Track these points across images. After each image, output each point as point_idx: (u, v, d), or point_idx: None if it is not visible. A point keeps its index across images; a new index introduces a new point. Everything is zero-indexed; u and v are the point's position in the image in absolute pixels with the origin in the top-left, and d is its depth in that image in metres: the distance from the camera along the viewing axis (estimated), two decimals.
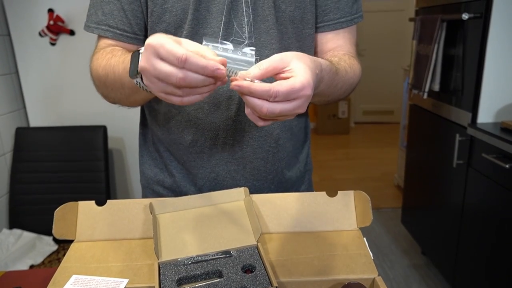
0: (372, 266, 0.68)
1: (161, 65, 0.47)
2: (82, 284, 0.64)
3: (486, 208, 1.55)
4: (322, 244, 0.73)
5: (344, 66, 0.72)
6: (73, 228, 0.75)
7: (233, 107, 0.77)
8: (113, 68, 0.68)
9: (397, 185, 3.16)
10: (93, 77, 0.76)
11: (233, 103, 0.77)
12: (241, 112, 0.78)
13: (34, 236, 1.66)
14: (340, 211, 0.78)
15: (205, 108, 0.78)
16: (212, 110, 0.78)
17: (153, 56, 0.48)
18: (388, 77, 4.64)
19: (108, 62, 0.70)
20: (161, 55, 0.47)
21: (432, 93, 1.93)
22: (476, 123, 1.61)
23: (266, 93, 0.47)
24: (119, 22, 0.75)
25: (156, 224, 0.71)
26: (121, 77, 0.66)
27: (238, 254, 0.67)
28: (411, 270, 2.14)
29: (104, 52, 0.74)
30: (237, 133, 0.80)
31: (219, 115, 0.78)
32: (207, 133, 0.80)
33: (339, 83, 0.70)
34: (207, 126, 0.79)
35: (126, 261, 0.69)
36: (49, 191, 1.75)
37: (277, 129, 0.81)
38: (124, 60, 0.65)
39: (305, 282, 0.65)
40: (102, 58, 0.73)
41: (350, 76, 0.74)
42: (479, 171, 1.58)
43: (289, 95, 0.48)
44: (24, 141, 1.79)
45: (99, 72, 0.72)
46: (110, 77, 0.70)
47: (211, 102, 0.77)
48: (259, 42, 0.74)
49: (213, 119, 0.78)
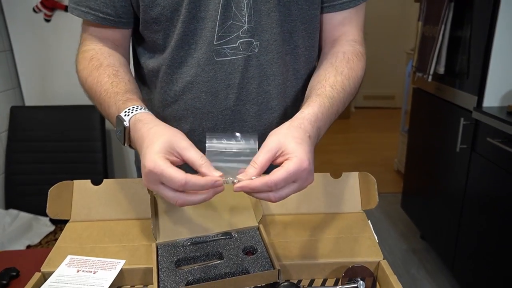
0: (377, 249, 0.66)
1: (164, 190, 0.51)
2: (78, 265, 0.62)
3: (489, 193, 1.53)
4: (325, 227, 0.71)
5: (342, 85, 0.67)
6: (68, 208, 0.73)
7: (232, 96, 0.73)
8: (99, 100, 0.67)
9: (397, 170, 3.16)
10: (79, 80, 0.73)
11: (231, 92, 0.73)
12: (240, 102, 0.74)
13: (31, 216, 1.65)
14: (344, 193, 0.76)
15: (202, 97, 0.73)
16: (210, 100, 0.73)
17: (156, 182, 0.51)
18: (389, 61, 4.59)
19: (93, 88, 0.68)
20: (163, 181, 0.50)
21: (437, 76, 1.90)
22: (482, 106, 1.58)
23: (265, 186, 0.50)
24: (102, 4, 0.70)
25: (154, 204, 0.68)
26: (106, 115, 0.67)
27: (239, 236, 0.65)
28: (410, 255, 2.15)
29: (89, 64, 0.70)
30: (236, 123, 0.76)
31: (217, 104, 0.74)
32: (204, 123, 0.76)
33: (339, 107, 0.66)
34: (205, 116, 0.75)
35: (123, 241, 0.67)
36: (46, 171, 1.73)
37: (277, 118, 0.78)
38: (109, 106, 0.65)
39: (307, 265, 0.63)
40: (87, 71, 0.70)
41: (350, 89, 0.69)
42: (483, 155, 1.56)
43: (288, 180, 0.50)
44: (19, 120, 1.75)
45: (85, 86, 0.71)
46: (95, 102, 0.70)
47: (208, 91, 0.72)
48: (259, 26, 0.69)
49: (211, 109, 0.74)
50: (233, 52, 0.70)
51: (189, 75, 0.72)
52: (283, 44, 0.72)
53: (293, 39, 0.73)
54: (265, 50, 0.71)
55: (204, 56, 0.70)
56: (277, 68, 0.73)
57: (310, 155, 0.53)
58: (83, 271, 0.60)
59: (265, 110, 0.75)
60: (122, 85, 0.66)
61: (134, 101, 0.62)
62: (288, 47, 0.74)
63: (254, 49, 0.70)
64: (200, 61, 0.70)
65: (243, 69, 0.71)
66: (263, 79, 0.73)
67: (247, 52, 0.70)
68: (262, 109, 0.75)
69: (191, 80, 0.72)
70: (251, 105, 0.74)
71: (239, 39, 0.69)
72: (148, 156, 0.51)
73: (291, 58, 0.75)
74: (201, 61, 0.70)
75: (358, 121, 4.60)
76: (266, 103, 0.75)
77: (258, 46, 0.70)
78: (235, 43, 0.69)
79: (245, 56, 0.70)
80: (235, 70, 0.71)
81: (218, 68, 0.70)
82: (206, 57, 0.70)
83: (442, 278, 1.96)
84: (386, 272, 0.60)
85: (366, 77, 0.76)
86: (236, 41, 0.69)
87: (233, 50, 0.70)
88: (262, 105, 0.75)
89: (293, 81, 0.77)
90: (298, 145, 0.52)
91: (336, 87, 0.66)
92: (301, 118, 0.58)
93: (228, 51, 0.70)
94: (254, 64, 0.71)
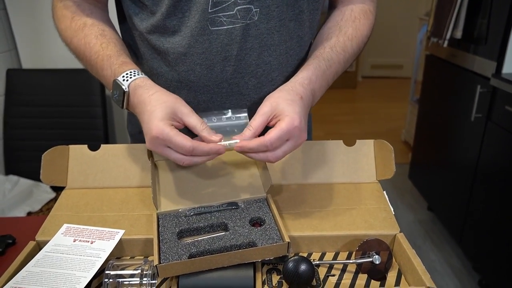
0: (393, 221, 0.62)
1: (170, 153, 0.55)
2: (74, 234, 0.59)
3: (504, 164, 1.49)
4: (338, 197, 0.67)
5: (343, 46, 0.67)
6: (64, 174, 0.70)
7: (228, 69, 0.66)
8: (89, 62, 0.65)
9: (404, 141, 3.12)
10: (62, 38, 0.69)
11: (228, 64, 0.66)
12: (237, 74, 0.67)
13: (31, 183, 1.63)
14: (358, 161, 0.71)
15: (196, 70, 0.66)
16: (205, 73, 0.67)
17: (162, 146, 0.54)
18: (398, 29, 4.44)
19: (81, 50, 0.66)
20: (170, 146, 0.54)
21: (452, 42, 1.81)
22: (501, 73, 1.50)
23: (262, 145, 0.54)
24: None
25: (155, 171, 0.64)
26: (99, 77, 0.66)
27: (245, 206, 0.61)
28: (416, 225, 2.13)
29: (72, 23, 0.66)
30: (233, 96, 0.69)
31: (213, 77, 0.67)
32: (200, 96, 0.70)
33: (338, 69, 0.67)
34: (200, 89, 0.69)
35: (122, 210, 0.64)
36: (44, 137, 1.69)
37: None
38: (102, 69, 0.63)
39: (319, 237, 0.59)
40: (71, 32, 0.66)
41: (352, 50, 0.69)
42: (500, 124, 1.50)
43: (282, 138, 0.54)
44: (16, 83, 1.70)
45: (70, 46, 0.68)
46: (85, 63, 0.68)
47: (203, 63, 0.66)
48: None
49: (206, 82, 0.68)
50: (230, 20, 0.62)
51: (182, 46, 0.65)
52: (286, 9, 0.65)
53: (298, 3, 0.66)
54: (266, 18, 0.63)
55: (198, 26, 0.62)
56: (279, 37, 0.66)
57: (301, 114, 0.56)
58: (80, 241, 0.58)
59: (266, 82, 0.69)
60: (112, 47, 0.64)
61: (130, 65, 0.62)
62: (293, 13, 0.66)
63: (253, 17, 0.63)
64: (194, 31, 0.63)
65: (241, 39, 0.64)
66: (263, 50, 0.66)
67: (246, 20, 0.63)
68: (262, 82, 0.69)
69: (184, 51, 0.65)
70: (250, 78, 0.68)
71: (237, 6, 0.61)
72: (155, 122, 0.54)
73: (295, 24, 0.67)
74: (194, 31, 0.63)
75: (365, 90, 4.52)
76: (267, 75, 0.68)
77: (258, 13, 0.63)
78: (232, 10, 0.62)
79: (243, 25, 0.63)
80: (233, 41, 0.64)
81: (214, 39, 0.63)
82: (200, 26, 0.62)
83: (448, 249, 1.95)
84: (403, 246, 0.57)
85: (374, 46, 0.73)
86: (233, 8, 0.61)
87: (230, 18, 0.62)
88: (262, 77, 0.68)
89: (296, 49, 0.70)
90: (288, 106, 0.56)
91: (336, 48, 0.67)
92: (294, 82, 0.61)
93: (224, 20, 0.62)
94: (253, 34, 0.64)
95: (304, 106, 0.58)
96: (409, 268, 0.54)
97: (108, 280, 0.51)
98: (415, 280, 0.52)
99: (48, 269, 0.52)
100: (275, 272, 0.55)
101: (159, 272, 0.49)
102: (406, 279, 0.55)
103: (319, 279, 0.55)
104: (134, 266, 0.53)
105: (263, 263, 0.56)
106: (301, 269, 0.51)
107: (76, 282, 0.50)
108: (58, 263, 0.53)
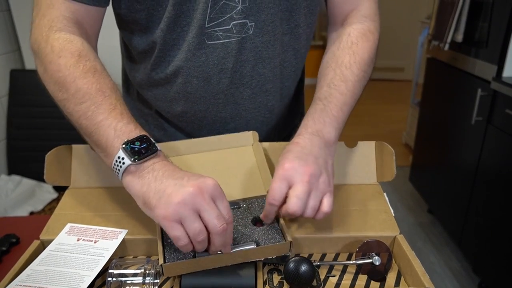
0: (393, 223, 0.62)
1: (193, 220, 0.47)
2: (78, 233, 0.60)
3: (504, 167, 1.49)
4: (339, 199, 0.67)
5: (341, 77, 0.66)
6: (67, 174, 0.70)
7: (225, 81, 0.68)
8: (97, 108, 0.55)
9: (405, 144, 3.12)
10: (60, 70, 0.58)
11: (224, 76, 0.67)
12: (233, 85, 0.69)
13: (34, 183, 1.63)
14: (359, 163, 0.71)
15: (193, 82, 0.68)
16: (202, 85, 0.68)
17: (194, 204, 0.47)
18: (399, 32, 4.44)
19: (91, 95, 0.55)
20: (208, 208, 0.47)
21: (453, 45, 1.82)
22: (502, 77, 1.51)
23: (270, 200, 0.54)
24: None
25: None
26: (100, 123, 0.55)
27: (247, 206, 0.62)
28: (416, 227, 2.13)
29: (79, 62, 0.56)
30: (229, 106, 0.71)
31: (209, 89, 0.69)
32: (197, 107, 0.71)
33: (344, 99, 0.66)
34: (197, 100, 0.70)
35: (125, 210, 0.64)
36: (48, 137, 1.70)
37: (272, 100, 0.73)
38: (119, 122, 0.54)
39: (320, 238, 0.60)
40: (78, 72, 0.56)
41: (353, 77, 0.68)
42: (500, 128, 1.50)
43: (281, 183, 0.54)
44: (20, 84, 1.71)
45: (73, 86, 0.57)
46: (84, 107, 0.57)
47: (200, 76, 0.67)
48: (254, 5, 0.62)
49: (203, 93, 0.69)
50: (226, 34, 0.64)
51: (180, 59, 0.66)
52: (281, 24, 0.66)
53: (294, 18, 0.67)
54: (261, 32, 0.65)
55: (195, 40, 0.64)
56: (273, 50, 0.68)
57: (295, 156, 0.55)
58: (84, 240, 0.58)
59: (260, 92, 0.71)
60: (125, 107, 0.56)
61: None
62: (288, 27, 0.68)
63: (248, 31, 0.64)
64: (191, 45, 0.64)
65: (236, 53, 0.65)
66: (258, 62, 0.68)
67: (241, 34, 0.64)
68: (256, 92, 0.71)
69: (182, 65, 0.66)
70: (245, 88, 0.70)
71: (232, 21, 0.63)
72: (201, 177, 0.49)
73: (291, 38, 0.69)
74: (191, 45, 0.64)
75: (366, 93, 4.40)
76: (261, 86, 0.70)
77: (253, 28, 0.64)
78: (228, 25, 0.63)
79: (239, 38, 0.64)
80: (228, 54, 0.65)
81: (210, 52, 0.65)
82: (197, 41, 0.64)
83: (448, 251, 1.95)
84: (403, 248, 0.57)
85: None
86: (229, 23, 0.63)
87: (226, 32, 0.63)
88: (257, 88, 0.70)
89: (292, 61, 0.72)
90: (281, 161, 0.56)
91: (334, 82, 0.65)
92: (291, 142, 0.60)
93: (220, 34, 0.63)
94: (248, 47, 0.66)
95: (303, 149, 0.57)
96: (409, 269, 0.55)
97: (111, 279, 0.52)
98: (415, 282, 0.53)
99: (52, 267, 0.53)
100: (276, 272, 0.56)
101: (164, 271, 0.49)
102: (405, 281, 0.55)
103: (319, 280, 0.55)
104: (137, 265, 0.54)
105: (264, 264, 0.57)
106: (302, 270, 0.52)
107: (80, 281, 0.51)
108: (62, 262, 0.54)
